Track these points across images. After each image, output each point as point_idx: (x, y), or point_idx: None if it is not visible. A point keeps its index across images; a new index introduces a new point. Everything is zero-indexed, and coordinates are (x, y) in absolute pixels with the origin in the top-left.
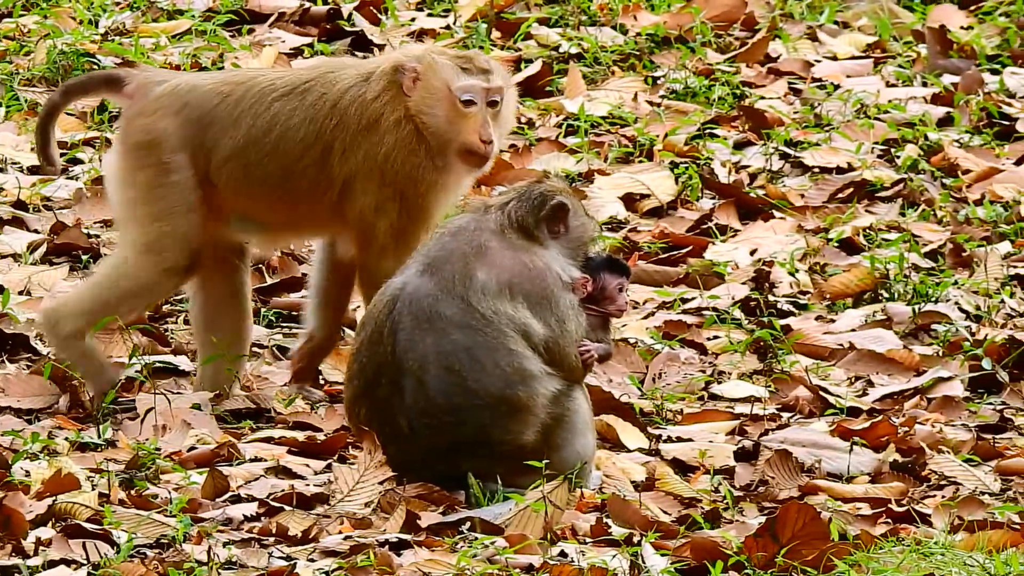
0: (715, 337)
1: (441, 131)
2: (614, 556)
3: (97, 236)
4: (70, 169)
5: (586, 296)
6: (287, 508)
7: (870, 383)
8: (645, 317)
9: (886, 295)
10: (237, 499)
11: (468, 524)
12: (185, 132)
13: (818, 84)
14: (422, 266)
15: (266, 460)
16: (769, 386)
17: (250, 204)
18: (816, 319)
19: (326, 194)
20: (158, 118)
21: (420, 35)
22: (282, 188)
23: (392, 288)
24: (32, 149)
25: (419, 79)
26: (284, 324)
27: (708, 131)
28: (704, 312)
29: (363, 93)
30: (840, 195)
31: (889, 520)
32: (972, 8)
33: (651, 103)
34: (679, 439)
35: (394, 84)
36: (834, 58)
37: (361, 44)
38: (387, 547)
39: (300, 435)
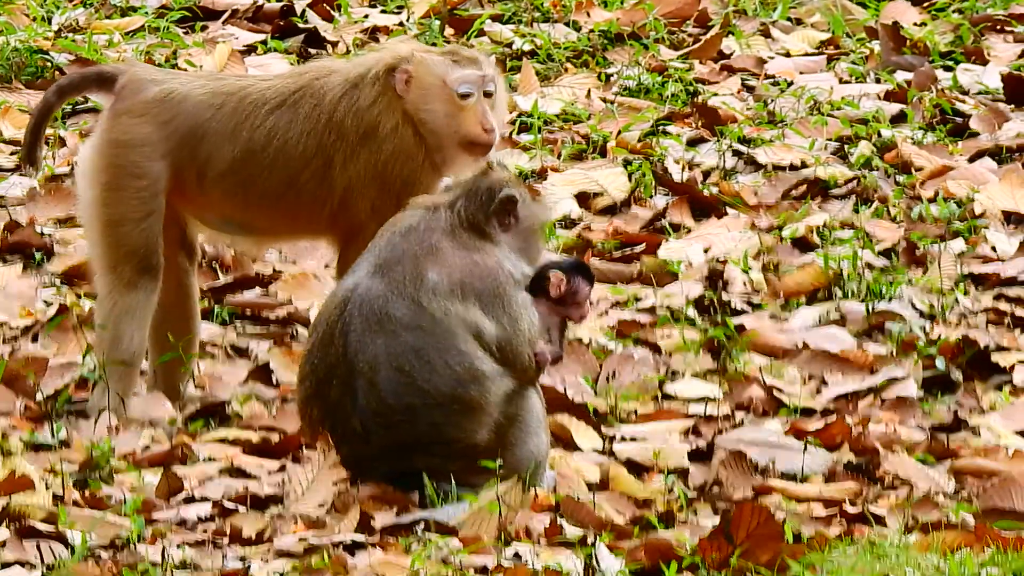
0: (669, 336)
1: (442, 127)
2: (568, 557)
3: (51, 234)
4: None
5: (555, 296)
6: (241, 509)
7: (824, 382)
8: (599, 316)
9: (840, 293)
10: (191, 500)
11: (422, 525)
12: (171, 143)
13: (771, 81)
14: (373, 267)
15: (220, 460)
16: (723, 385)
17: (246, 214)
18: (770, 318)
19: (326, 204)
20: (143, 122)
21: (373, 32)
22: (283, 200)
23: (343, 289)
24: None
25: (412, 79)
26: (238, 322)
27: (661, 128)
28: (658, 311)
29: (357, 101)
30: (793, 192)
31: (843, 521)
32: (925, 5)
33: (604, 100)
34: (633, 439)
35: (387, 88)
36: (787, 55)
37: (314, 41)
38: (341, 548)
39: (254, 436)
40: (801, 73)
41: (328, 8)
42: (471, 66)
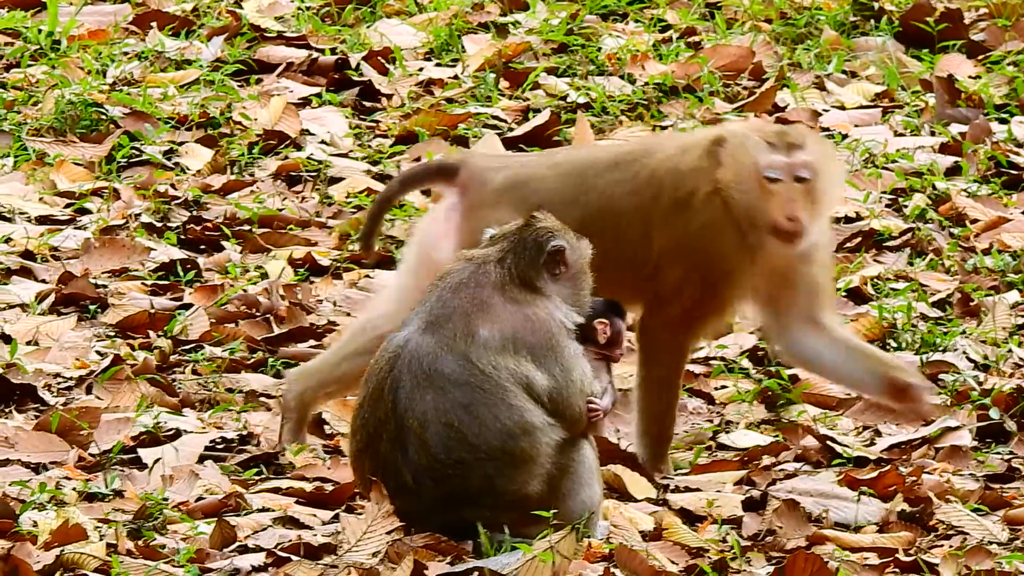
0: (723, 387)
1: (749, 208)
2: None
3: (105, 286)
4: (78, 219)
5: (603, 343)
6: (294, 558)
7: (877, 432)
8: None
9: (894, 344)
10: (245, 549)
11: (476, 574)
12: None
13: (826, 133)
14: (424, 323)
15: (274, 510)
16: (777, 436)
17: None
18: None
19: (644, 268)
20: (498, 210)
21: (428, 85)
22: (611, 261)
23: (394, 345)
24: (41, 199)
25: (731, 155)
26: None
27: None
28: (712, 361)
29: (678, 165)
30: (848, 244)
31: (897, 570)
32: (980, 57)
33: None
34: (687, 489)
35: (709, 159)
36: (842, 107)
37: (369, 94)
38: None
39: (307, 485)
40: (856, 126)
41: (383, 61)
42: (785, 151)
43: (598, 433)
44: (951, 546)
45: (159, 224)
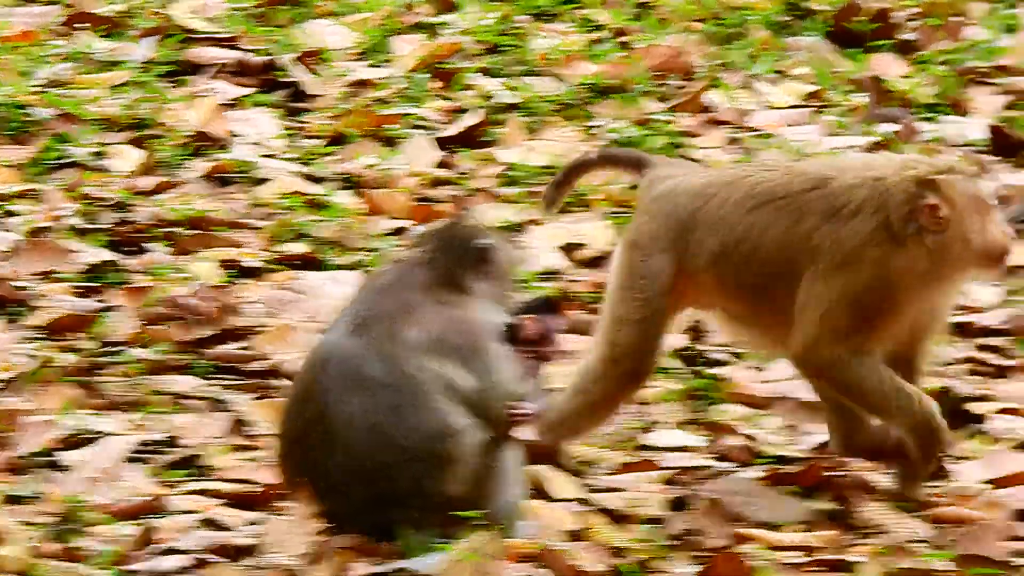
0: (651, 386)
1: (979, 240)
2: None
3: (32, 288)
4: (5, 221)
5: (527, 339)
6: (218, 560)
7: (803, 432)
8: None
9: None
10: (168, 551)
11: (400, 574)
12: (671, 237)
13: (756, 133)
14: (351, 326)
15: (197, 512)
16: (703, 435)
17: (730, 305)
18: (750, 368)
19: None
20: (650, 220)
21: (359, 85)
22: (759, 293)
23: (322, 347)
24: None
25: (950, 190)
26: (219, 376)
27: None
28: None
29: (876, 199)
30: None
31: (820, 569)
32: (911, 57)
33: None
34: (611, 488)
35: (919, 195)
36: (772, 107)
37: (299, 95)
38: None
39: (232, 487)
40: (786, 125)
41: (313, 62)
42: (981, 177)
43: (531, 436)
44: (875, 544)
45: (87, 226)
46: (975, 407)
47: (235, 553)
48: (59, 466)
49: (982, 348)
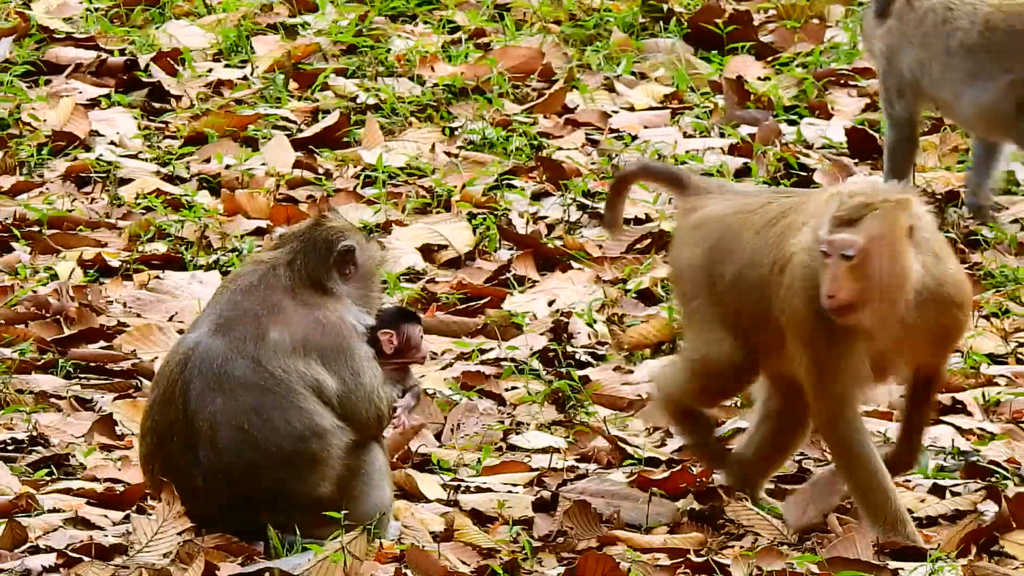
0: (514, 388)
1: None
2: None
3: None
4: None
5: (390, 352)
6: (86, 559)
7: (669, 434)
8: (443, 368)
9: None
10: (36, 550)
11: (267, 575)
12: (705, 262)
13: (616, 135)
14: (214, 325)
15: (64, 511)
16: (568, 437)
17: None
18: (614, 370)
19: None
20: (687, 247)
21: (217, 86)
22: (758, 324)
23: (184, 347)
24: None
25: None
26: (82, 375)
27: (506, 182)
28: (503, 363)
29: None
30: (638, 246)
31: (688, 571)
32: (769, 59)
33: (449, 154)
34: (478, 489)
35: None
36: (631, 109)
37: (158, 95)
38: None
39: (98, 486)
40: (645, 127)
41: (172, 63)
42: (837, 226)
43: (402, 440)
44: (742, 546)
45: None
46: None
47: (103, 552)
48: None
49: None
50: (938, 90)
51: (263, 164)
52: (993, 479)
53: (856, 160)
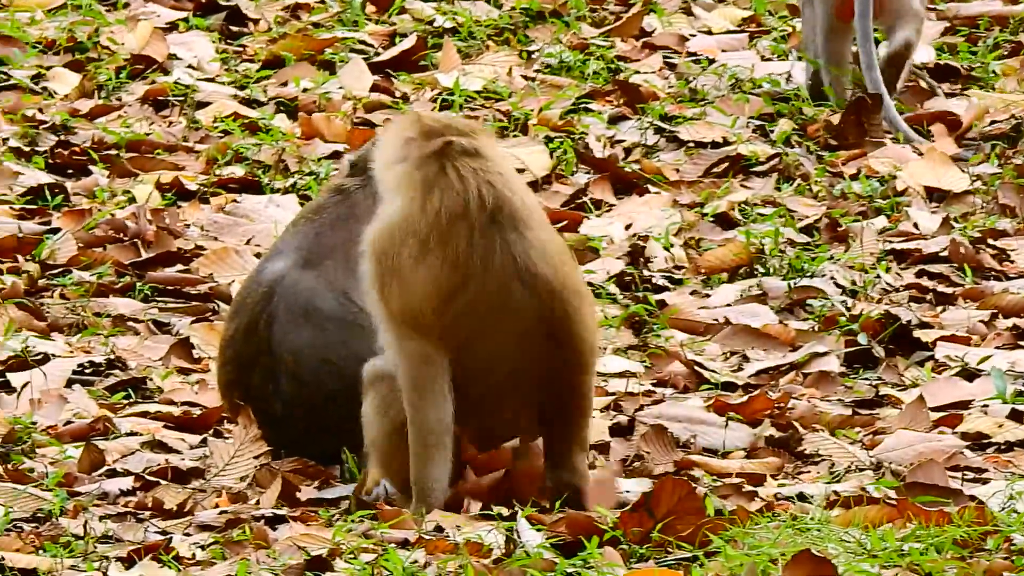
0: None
1: None
2: (490, 531)
3: None
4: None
5: None
6: (163, 482)
7: (745, 358)
8: None
9: (761, 270)
10: (113, 473)
11: (346, 501)
12: None
13: (693, 59)
14: (301, 259)
15: (142, 434)
16: (644, 361)
17: None
18: (691, 294)
19: None
20: None
21: (295, 9)
22: None
23: (267, 278)
24: None
25: None
26: (160, 299)
27: (583, 106)
28: None
29: None
30: (715, 170)
31: (765, 496)
32: None
33: (526, 77)
34: None
35: None
36: (709, 32)
37: (236, 19)
38: (263, 521)
39: (175, 410)
40: (723, 51)
41: None
42: None
43: None
44: (819, 471)
45: (27, 149)
46: (922, 335)
47: (180, 475)
48: (5, 388)
49: (922, 275)
50: None
51: (340, 88)
52: None
53: (937, 82)
